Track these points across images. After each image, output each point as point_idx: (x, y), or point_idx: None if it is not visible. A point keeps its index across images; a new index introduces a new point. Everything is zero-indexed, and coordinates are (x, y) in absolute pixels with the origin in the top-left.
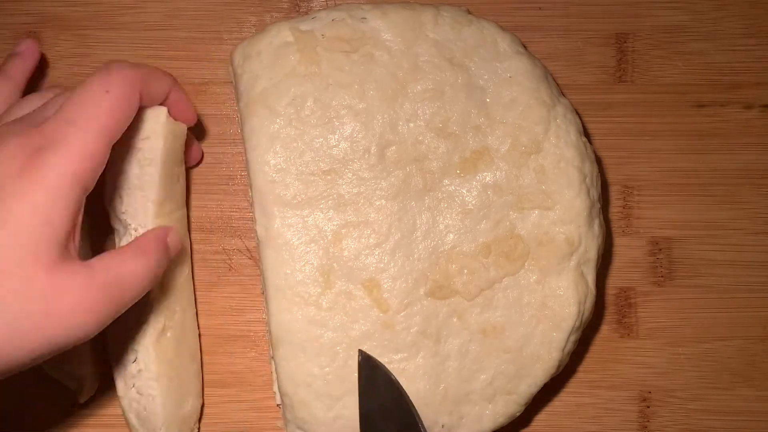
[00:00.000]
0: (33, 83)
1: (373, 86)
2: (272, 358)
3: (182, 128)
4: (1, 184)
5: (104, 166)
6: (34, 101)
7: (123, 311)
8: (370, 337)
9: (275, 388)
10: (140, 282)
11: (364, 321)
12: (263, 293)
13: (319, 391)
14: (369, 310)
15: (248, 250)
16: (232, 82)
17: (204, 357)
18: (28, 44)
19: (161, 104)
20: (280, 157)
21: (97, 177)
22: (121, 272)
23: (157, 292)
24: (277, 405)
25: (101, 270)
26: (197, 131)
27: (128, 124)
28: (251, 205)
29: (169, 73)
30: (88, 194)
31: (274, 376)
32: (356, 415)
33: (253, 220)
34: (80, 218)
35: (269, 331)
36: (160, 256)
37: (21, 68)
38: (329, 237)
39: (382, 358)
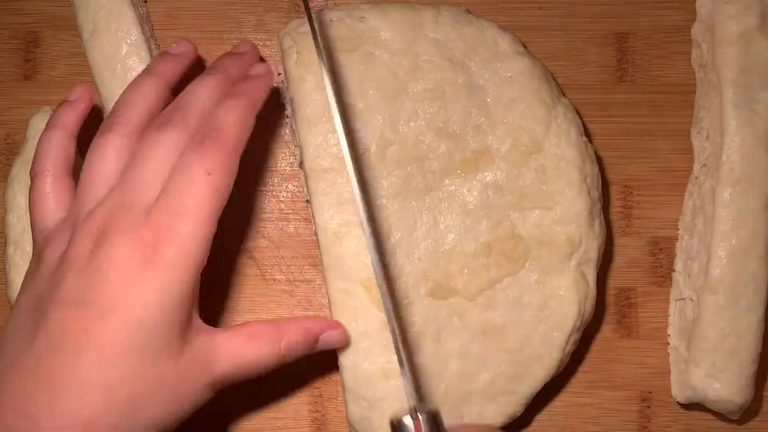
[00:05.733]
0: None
1: (373, 85)
2: None
3: None
4: (124, 290)
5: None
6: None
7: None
8: (369, 336)
9: None
10: (263, 369)
11: (363, 320)
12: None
13: None
14: (367, 310)
15: (248, 250)
16: None
17: None
18: (183, 44)
19: None
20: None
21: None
22: (245, 361)
23: None
24: None
25: (224, 356)
26: None
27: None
28: None
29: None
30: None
31: None
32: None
33: None
34: (197, 287)
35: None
36: (297, 350)
37: (173, 67)
38: (330, 236)
39: (381, 358)
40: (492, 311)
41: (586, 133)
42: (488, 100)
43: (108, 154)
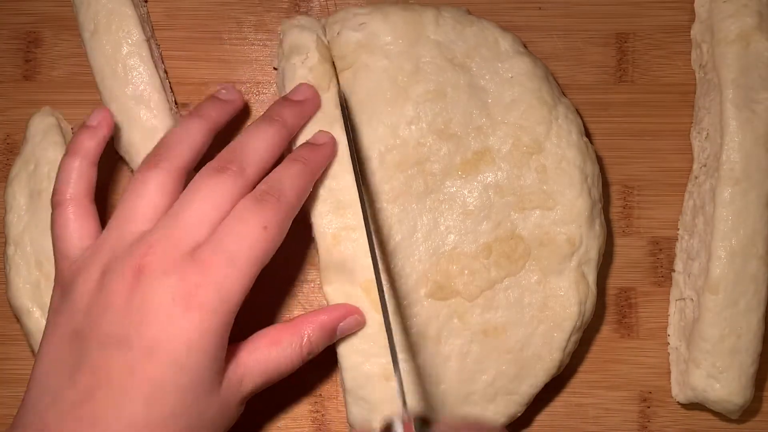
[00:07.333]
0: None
1: (369, 95)
2: None
3: None
4: (167, 330)
5: None
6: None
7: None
8: (369, 338)
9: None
10: (289, 371)
11: None
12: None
13: None
14: (367, 312)
15: None
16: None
17: None
18: (232, 92)
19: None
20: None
21: None
22: (272, 369)
23: None
24: None
25: (251, 372)
26: None
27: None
28: None
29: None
30: None
31: None
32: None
33: None
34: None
35: None
36: (318, 345)
37: (220, 112)
38: (329, 239)
39: (381, 359)
40: (492, 312)
41: (587, 133)
42: (489, 100)
43: (150, 189)
